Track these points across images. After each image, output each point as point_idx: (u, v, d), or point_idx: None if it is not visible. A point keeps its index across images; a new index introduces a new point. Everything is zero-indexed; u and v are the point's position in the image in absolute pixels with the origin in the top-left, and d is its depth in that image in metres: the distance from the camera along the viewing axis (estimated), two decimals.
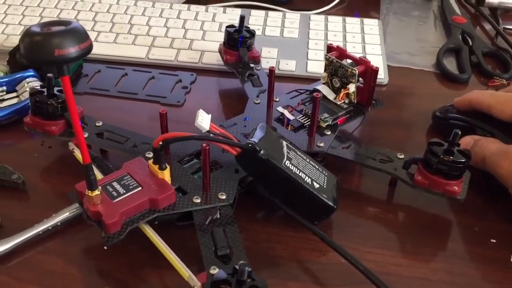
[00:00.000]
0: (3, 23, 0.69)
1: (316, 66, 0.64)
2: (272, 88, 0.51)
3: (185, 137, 0.39)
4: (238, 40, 0.59)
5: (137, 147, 0.47)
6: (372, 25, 0.72)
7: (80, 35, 0.31)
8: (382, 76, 0.62)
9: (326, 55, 0.52)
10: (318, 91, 0.52)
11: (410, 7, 0.80)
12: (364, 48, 0.68)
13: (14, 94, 0.55)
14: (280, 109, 0.52)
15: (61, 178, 0.48)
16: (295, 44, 0.68)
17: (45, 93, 0.47)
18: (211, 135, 0.41)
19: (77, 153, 0.46)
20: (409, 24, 0.76)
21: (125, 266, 0.41)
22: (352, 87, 0.51)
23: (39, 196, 0.46)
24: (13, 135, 0.53)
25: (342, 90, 0.51)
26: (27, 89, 0.54)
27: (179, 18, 0.72)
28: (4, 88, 0.54)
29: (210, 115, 0.40)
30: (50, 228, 0.42)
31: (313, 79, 0.61)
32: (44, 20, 0.68)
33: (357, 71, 0.50)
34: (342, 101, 0.51)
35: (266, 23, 0.72)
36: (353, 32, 0.71)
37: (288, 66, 0.64)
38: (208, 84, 0.62)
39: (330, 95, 0.52)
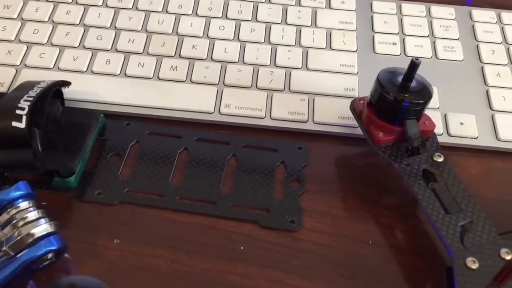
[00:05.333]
0: None
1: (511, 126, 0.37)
2: None
3: None
4: (402, 109, 0.32)
5: None
6: None
7: None
8: None
9: None
10: None
11: None
12: None
13: None
14: None
15: None
16: (462, 76, 0.40)
17: None
18: None
19: None
20: None
21: None
22: None
23: None
24: None
25: None
26: (20, 226, 0.28)
27: (257, 21, 0.43)
28: None
29: None
30: None
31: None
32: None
33: None
34: None
35: (402, 28, 0.43)
36: None
37: (464, 128, 0.37)
38: (331, 169, 0.35)
39: None
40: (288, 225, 0.32)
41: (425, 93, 0.31)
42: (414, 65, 0.30)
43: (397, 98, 0.31)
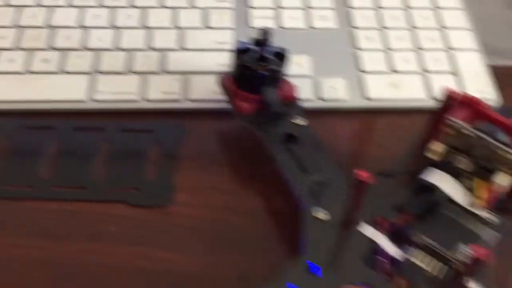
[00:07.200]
0: None
1: (378, 85, 0.38)
2: (357, 204, 0.27)
3: None
4: (260, 78, 0.33)
5: None
6: None
7: None
8: (488, 91, 0.38)
9: (449, 120, 0.28)
10: (436, 188, 0.28)
11: None
12: (447, 38, 0.42)
13: None
14: (369, 231, 0.28)
15: None
16: (335, 43, 0.41)
17: None
18: None
19: None
20: None
21: None
22: (506, 180, 0.27)
23: None
24: None
25: (483, 184, 0.28)
26: None
27: (133, 6, 0.43)
28: None
29: None
30: None
31: (379, 112, 0.37)
32: None
33: None
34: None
35: (277, 1, 0.45)
36: (421, 7, 0.44)
37: (335, 91, 0.38)
38: (207, 145, 0.35)
39: (460, 196, 0.28)
40: (160, 201, 0.32)
41: (278, 60, 0.32)
42: (265, 33, 0.31)
43: (251, 67, 0.32)
